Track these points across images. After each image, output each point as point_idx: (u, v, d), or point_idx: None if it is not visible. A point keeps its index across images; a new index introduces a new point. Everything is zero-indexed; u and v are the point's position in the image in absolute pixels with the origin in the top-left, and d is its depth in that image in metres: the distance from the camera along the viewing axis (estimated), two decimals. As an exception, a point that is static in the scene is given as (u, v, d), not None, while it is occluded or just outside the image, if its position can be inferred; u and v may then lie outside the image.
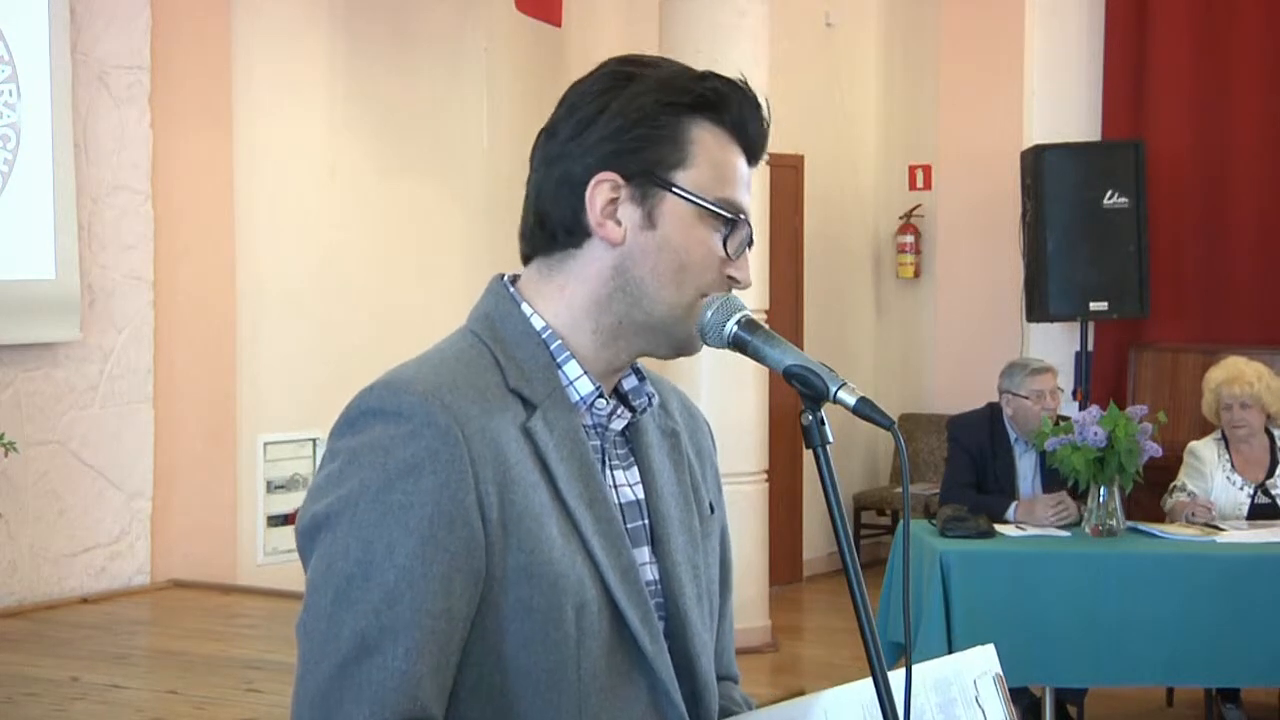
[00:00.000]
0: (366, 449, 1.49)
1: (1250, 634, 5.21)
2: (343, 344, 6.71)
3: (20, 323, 5.50)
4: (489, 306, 1.64)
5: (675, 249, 1.59)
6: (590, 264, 1.61)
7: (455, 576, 1.48)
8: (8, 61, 5.49)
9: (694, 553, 1.68)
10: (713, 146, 1.61)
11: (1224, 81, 8.14)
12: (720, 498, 1.78)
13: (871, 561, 8.69)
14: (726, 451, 7.69)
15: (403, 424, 1.49)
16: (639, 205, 1.59)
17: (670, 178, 1.59)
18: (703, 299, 1.60)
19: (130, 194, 5.88)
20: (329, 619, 1.47)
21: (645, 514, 1.65)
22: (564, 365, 1.61)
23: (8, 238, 5.49)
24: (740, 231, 1.62)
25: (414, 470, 1.48)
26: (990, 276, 8.65)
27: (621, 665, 1.56)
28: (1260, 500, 5.77)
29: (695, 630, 1.64)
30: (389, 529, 1.47)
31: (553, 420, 1.57)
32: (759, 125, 1.66)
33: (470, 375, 1.56)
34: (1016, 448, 5.91)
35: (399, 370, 1.56)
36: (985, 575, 5.29)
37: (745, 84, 1.67)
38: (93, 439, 5.76)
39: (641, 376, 1.69)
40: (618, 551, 1.57)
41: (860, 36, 9.55)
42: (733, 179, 1.62)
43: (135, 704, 4.18)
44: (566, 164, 1.60)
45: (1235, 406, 5.77)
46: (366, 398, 1.53)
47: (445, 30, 7.19)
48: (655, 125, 1.59)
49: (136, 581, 5.87)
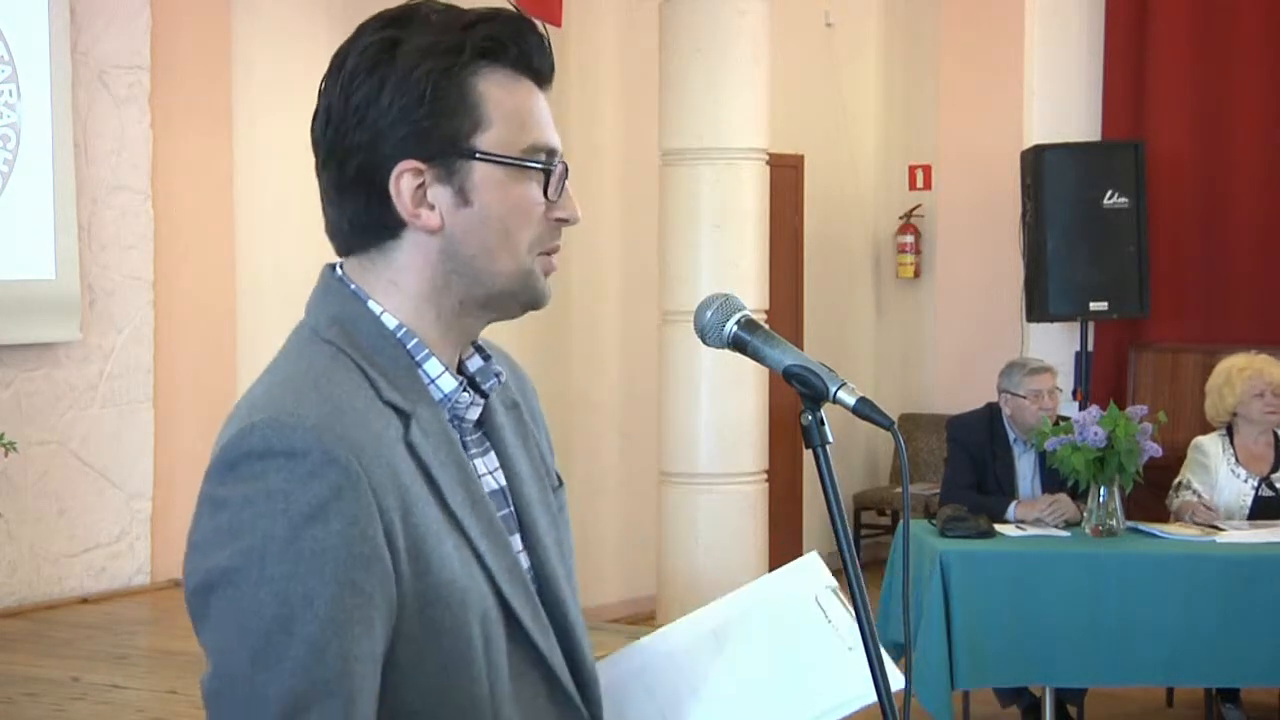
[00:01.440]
0: (262, 496, 1.39)
1: (1250, 634, 5.21)
2: (343, 344, 6.72)
3: (20, 323, 5.50)
4: (335, 309, 1.55)
5: (498, 217, 1.52)
6: (415, 254, 1.53)
7: (375, 616, 1.41)
8: (8, 61, 5.49)
9: (554, 530, 1.64)
10: (502, 96, 1.52)
11: (1224, 81, 8.14)
12: (553, 457, 1.73)
13: (871, 561, 8.68)
14: (726, 451, 7.68)
15: (298, 464, 1.39)
16: (447, 184, 1.51)
17: (471, 146, 1.51)
18: (540, 256, 1.55)
19: (130, 194, 5.88)
20: (250, 682, 1.37)
21: (509, 501, 1.61)
22: (424, 364, 1.54)
23: (8, 238, 5.49)
24: (556, 173, 1.54)
25: (320, 513, 1.38)
26: (990, 276, 8.65)
27: (520, 666, 1.53)
28: (1264, 494, 5.77)
29: (571, 613, 1.61)
30: (303, 579, 1.37)
31: (426, 426, 1.50)
32: (540, 47, 1.55)
33: (347, 396, 1.46)
34: (1016, 448, 5.91)
35: (275, 401, 1.45)
36: (985, 575, 5.29)
37: (514, 9, 1.56)
38: (93, 439, 5.76)
39: (486, 355, 1.63)
40: (502, 552, 1.53)
41: (860, 36, 9.55)
42: (533, 120, 1.54)
43: (135, 704, 4.18)
44: (359, 158, 1.51)
45: (1269, 394, 5.77)
46: (249, 439, 1.41)
47: (445, 30, 7.19)
48: (440, 96, 1.49)
49: (136, 581, 5.88)
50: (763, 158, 7.12)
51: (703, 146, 6.83)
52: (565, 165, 1.56)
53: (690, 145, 6.83)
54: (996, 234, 8.53)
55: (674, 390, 6.93)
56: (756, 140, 7.05)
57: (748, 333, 1.61)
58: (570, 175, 1.57)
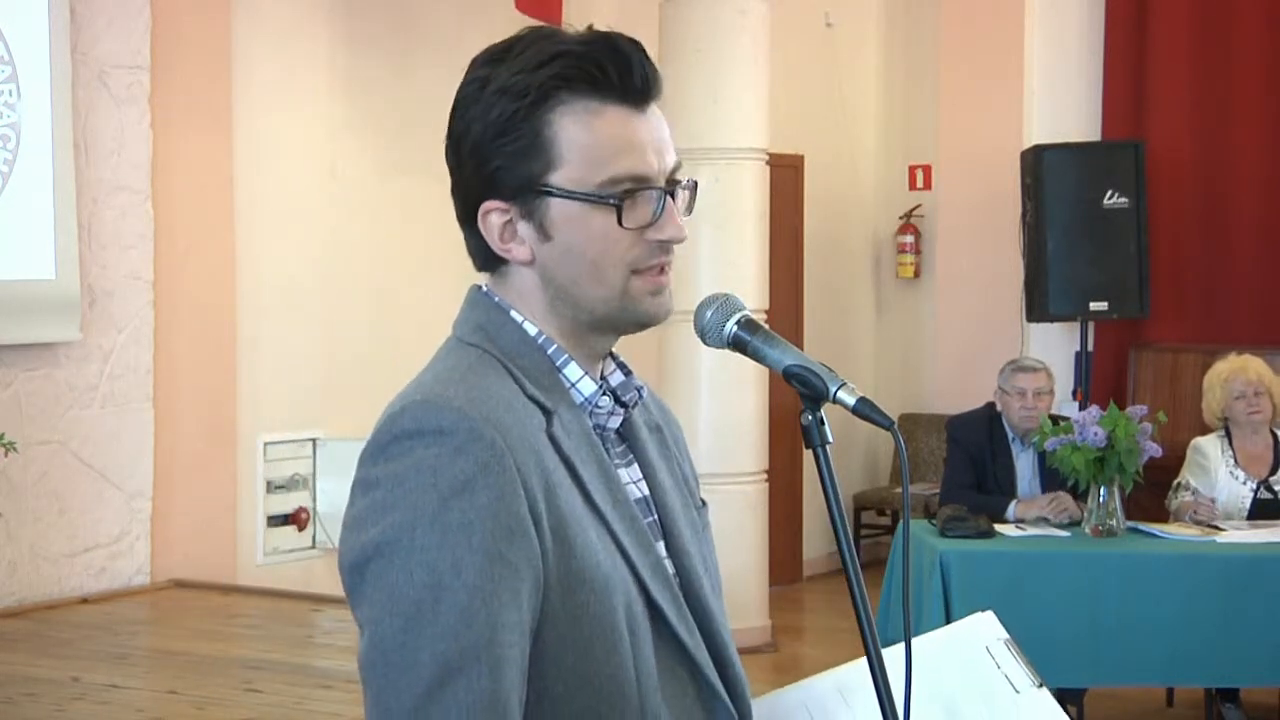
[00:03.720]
0: (412, 472, 1.45)
1: (1250, 634, 5.21)
2: (343, 344, 6.72)
3: (20, 323, 5.50)
4: (480, 318, 1.60)
5: (579, 250, 1.55)
6: (522, 280, 1.59)
7: (521, 589, 1.45)
8: (8, 61, 5.49)
9: (699, 546, 1.67)
10: (579, 133, 1.54)
11: (1224, 81, 8.14)
12: (698, 485, 1.77)
13: (871, 561, 8.68)
14: (726, 451, 7.69)
15: (446, 441, 1.45)
16: (529, 220, 1.56)
17: (546, 184, 1.55)
18: (634, 275, 1.57)
19: (130, 194, 5.88)
20: (402, 648, 1.42)
21: (653, 510, 1.64)
22: (564, 369, 1.59)
23: (8, 238, 5.49)
24: (641, 200, 1.56)
25: (467, 487, 1.44)
26: (990, 276, 8.65)
27: (666, 661, 1.55)
28: (1263, 496, 5.77)
29: (717, 619, 1.63)
30: (452, 549, 1.43)
31: (568, 425, 1.55)
32: (628, 70, 1.57)
33: (494, 386, 1.53)
34: (1015, 447, 5.91)
35: (424, 388, 1.51)
36: (985, 575, 5.29)
37: (606, 33, 1.58)
38: (93, 439, 5.76)
39: (627, 370, 1.67)
40: (646, 550, 1.56)
41: (860, 36, 9.55)
42: (614, 150, 1.55)
43: (135, 704, 4.18)
44: (458, 195, 1.60)
45: (1249, 394, 5.78)
46: (400, 420, 1.48)
47: (445, 30, 7.19)
48: (514, 137, 1.55)
49: (136, 581, 5.88)
50: (763, 158, 7.12)
51: (703, 146, 6.83)
52: (658, 190, 1.57)
53: (690, 145, 6.83)
54: (996, 234, 8.53)
55: (674, 390, 6.93)
56: (756, 140, 7.06)
57: (748, 333, 1.61)
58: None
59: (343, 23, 6.80)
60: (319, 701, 4.15)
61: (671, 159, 1.60)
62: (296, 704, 4.14)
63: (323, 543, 6.60)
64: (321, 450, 6.66)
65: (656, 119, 1.60)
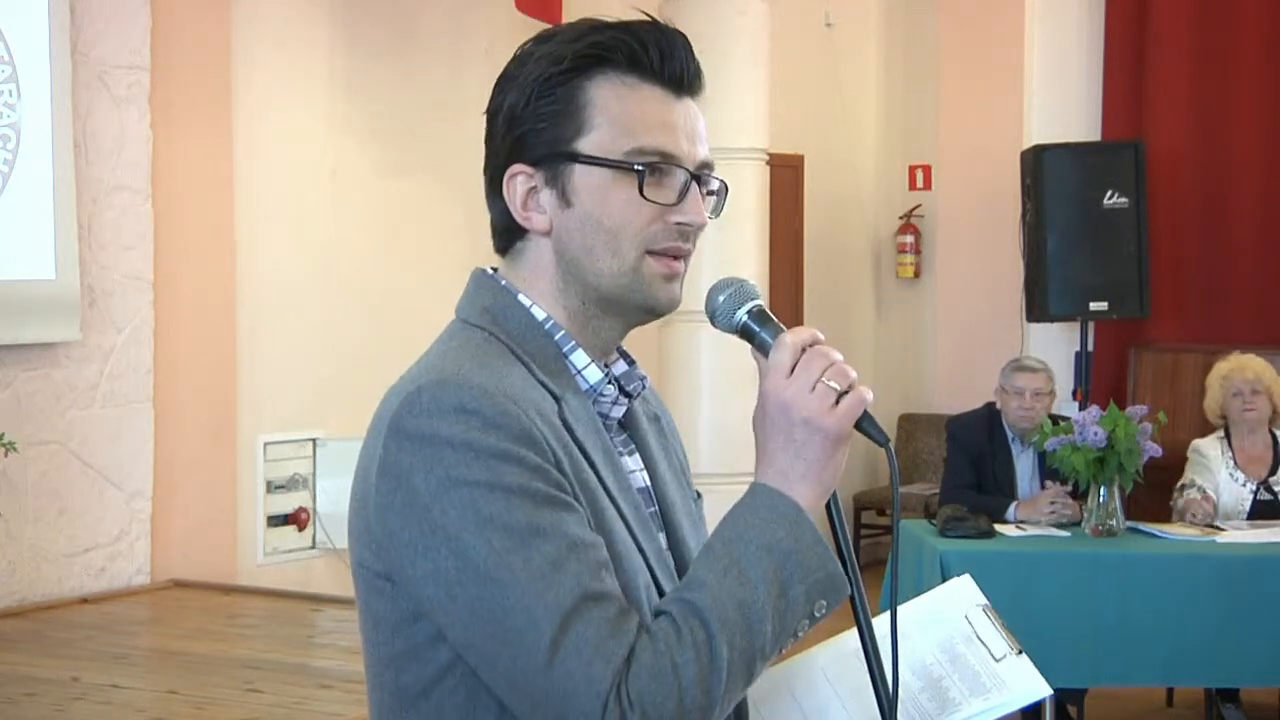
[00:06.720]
0: (447, 448, 1.43)
1: (1250, 634, 5.21)
2: (342, 344, 6.72)
3: (20, 323, 5.50)
4: (486, 300, 1.59)
5: (596, 218, 1.55)
6: (538, 255, 1.58)
7: (585, 518, 1.47)
8: (8, 61, 5.49)
9: (696, 535, 1.68)
10: (611, 101, 1.55)
11: (1224, 81, 8.14)
12: (689, 473, 1.78)
13: (871, 561, 8.68)
14: (726, 451, 7.67)
15: (473, 419, 1.43)
16: (553, 187, 1.56)
17: (572, 149, 1.54)
18: (649, 255, 1.57)
19: (130, 194, 5.88)
20: (521, 613, 1.40)
21: (654, 500, 1.64)
22: (570, 355, 1.59)
23: (8, 238, 5.49)
24: (667, 174, 1.56)
25: (509, 455, 1.43)
26: (990, 276, 8.65)
27: None
28: (1262, 497, 5.78)
29: None
30: (513, 510, 1.41)
31: (576, 411, 1.55)
32: (672, 53, 1.57)
33: (505, 368, 1.52)
34: (1015, 447, 5.92)
35: (436, 369, 1.50)
36: (985, 575, 5.20)
37: (652, 19, 1.59)
38: (93, 439, 5.76)
39: (631, 360, 1.67)
40: (651, 537, 1.57)
41: (860, 36, 9.55)
42: (645, 125, 1.55)
43: (135, 704, 4.18)
44: (489, 163, 1.60)
45: (1246, 392, 5.79)
46: (419, 400, 1.46)
47: (446, 31, 7.19)
48: (548, 101, 1.54)
49: (136, 581, 5.87)
50: (763, 158, 7.12)
51: (702, 146, 6.82)
52: (686, 172, 1.56)
53: (690, 145, 6.83)
54: (996, 234, 8.53)
55: (674, 390, 6.93)
56: (756, 140, 7.05)
57: (757, 324, 1.61)
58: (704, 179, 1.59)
59: (343, 23, 6.80)
60: (319, 701, 4.15)
61: (703, 151, 1.59)
62: (296, 704, 4.13)
63: (323, 543, 6.59)
64: (321, 450, 6.66)
65: (693, 111, 1.60)
